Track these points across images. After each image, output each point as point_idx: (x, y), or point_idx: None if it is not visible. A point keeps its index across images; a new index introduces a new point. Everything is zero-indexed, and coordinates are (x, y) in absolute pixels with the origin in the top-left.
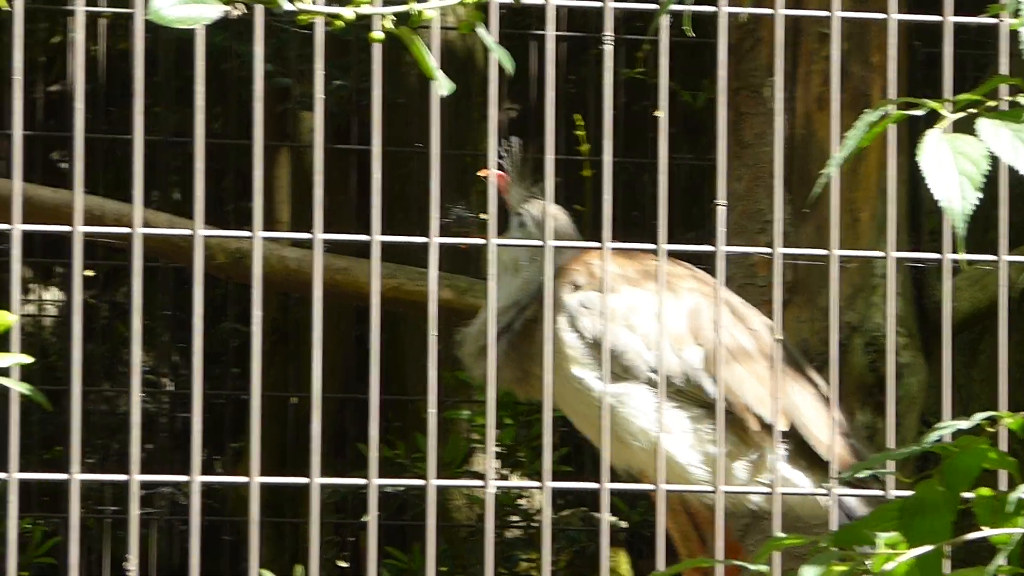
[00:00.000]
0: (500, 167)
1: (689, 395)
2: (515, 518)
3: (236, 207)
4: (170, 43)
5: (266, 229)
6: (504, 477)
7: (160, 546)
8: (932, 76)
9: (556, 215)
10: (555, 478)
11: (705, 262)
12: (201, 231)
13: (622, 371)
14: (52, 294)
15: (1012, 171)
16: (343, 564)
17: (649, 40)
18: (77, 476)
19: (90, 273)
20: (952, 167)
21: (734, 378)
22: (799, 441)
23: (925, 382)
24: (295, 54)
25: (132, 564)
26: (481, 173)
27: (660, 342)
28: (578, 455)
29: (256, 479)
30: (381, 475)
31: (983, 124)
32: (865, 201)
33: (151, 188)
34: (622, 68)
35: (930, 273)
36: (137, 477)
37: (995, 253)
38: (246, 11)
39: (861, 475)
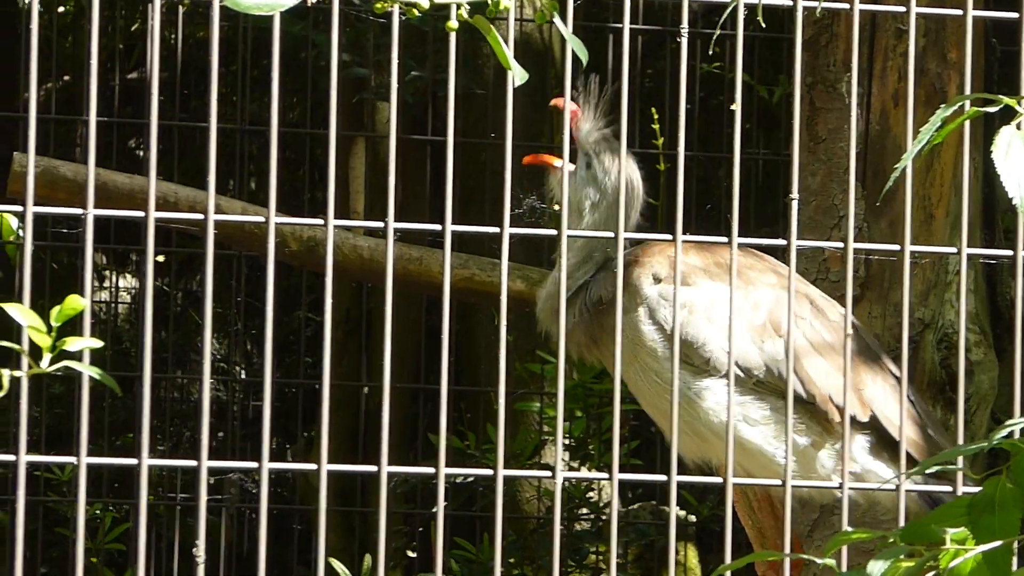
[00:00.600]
0: (574, 101)
1: (771, 387)
2: (584, 510)
3: (311, 196)
4: (247, 32)
5: (340, 218)
6: (574, 469)
7: (230, 533)
8: (1010, 74)
9: (631, 177)
10: (625, 471)
11: (777, 256)
12: (274, 218)
13: (703, 364)
14: (126, 281)
15: None
16: (411, 554)
17: (726, 34)
18: (146, 462)
19: (161, 259)
20: None
21: (816, 370)
22: (881, 433)
23: (996, 379)
24: (372, 44)
25: (200, 551)
26: (555, 102)
27: (731, 333)
28: (649, 448)
29: (325, 467)
30: (451, 465)
31: None
32: (940, 197)
33: (227, 176)
34: (699, 62)
35: (1003, 270)
36: (207, 464)
37: None
38: (322, 0)
39: (931, 471)
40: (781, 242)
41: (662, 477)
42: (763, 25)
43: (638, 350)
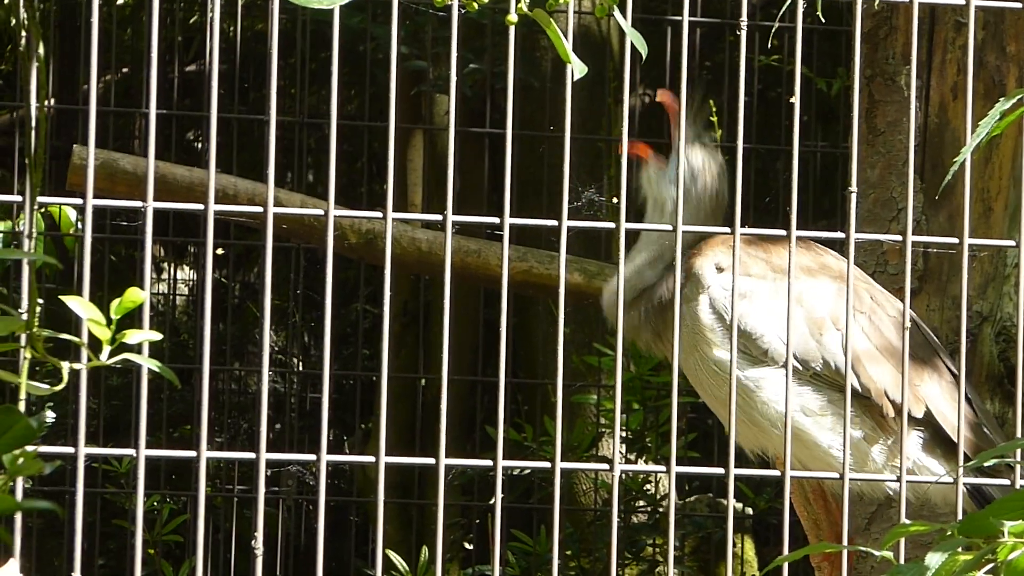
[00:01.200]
0: (676, 94)
1: (827, 379)
2: (641, 503)
3: (369, 189)
4: (307, 25)
5: (398, 211)
6: (631, 462)
7: (287, 526)
8: None
9: (719, 187)
10: (682, 463)
11: (836, 249)
12: (333, 211)
13: (760, 355)
14: (184, 273)
15: None
16: (469, 546)
17: (785, 27)
18: (205, 454)
19: (220, 252)
20: None
21: (872, 364)
22: (935, 429)
23: None
24: (430, 37)
25: (258, 543)
26: (660, 97)
27: (788, 324)
28: (706, 441)
29: (383, 459)
30: (508, 458)
31: None
32: (998, 190)
33: (285, 169)
34: (757, 55)
35: None
36: (264, 456)
37: None
38: None
39: (990, 463)
40: (839, 235)
41: (720, 470)
42: (823, 20)
43: (697, 339)
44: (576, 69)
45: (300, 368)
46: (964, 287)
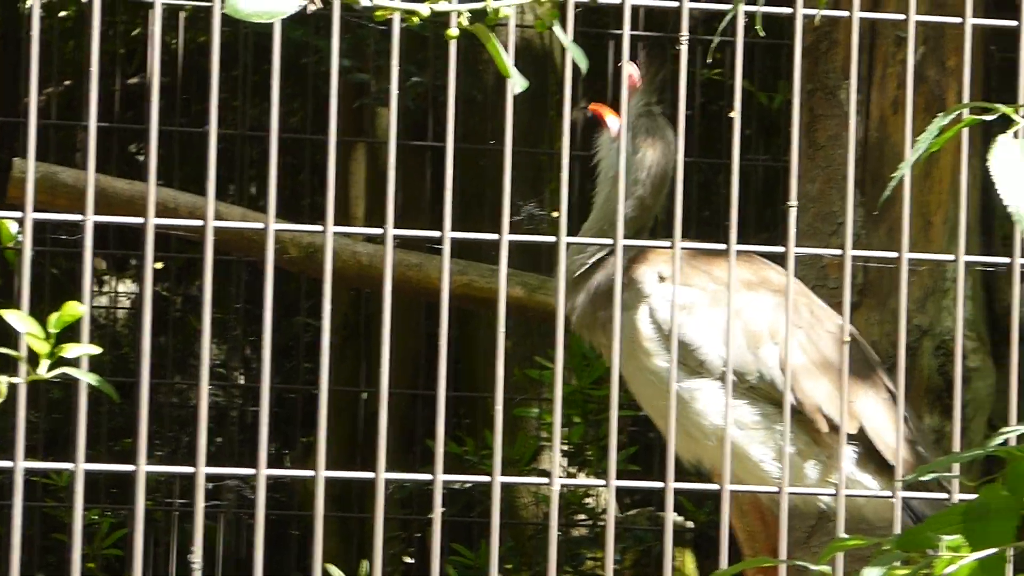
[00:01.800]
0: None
1: (762, 392)
2: (581, 516)
3: (311, 202)
4: (249, 37)
5: (340, 224)
6: (572, 475)
7: (227, 539)
8: (1010, 82)
9: (664, 164)
10: (623, 477)
11: (776, 263)
12: (273, 225)
13: (697, 366)
14: (126, 286)
15: None
16: (409, 560)
17: (726, 41)
18: (144, 468)
19: (159, 265)
20: (1020, 171)
21: (807, 379)
22: (868, 445)
23: (994, 386)
24: (372, 50)
25: (197, 557)
26: (624, 68)
27: (728, 339)
28: (647, 454)
29: (322, 473)
30: (450, 472)
31: None
32: (938, 205)
33: (227, 182)
34: (700, 68)
35: (1001, 278)
36: (204, 470)
37: None
38: (323, 6)
39: (925, 478)
40: (780, 249)
41: (659, 484)
42: (761, 33)
43: (635, 349)
44: (516, 83)
45: (241, 381)
46: (903, 301)
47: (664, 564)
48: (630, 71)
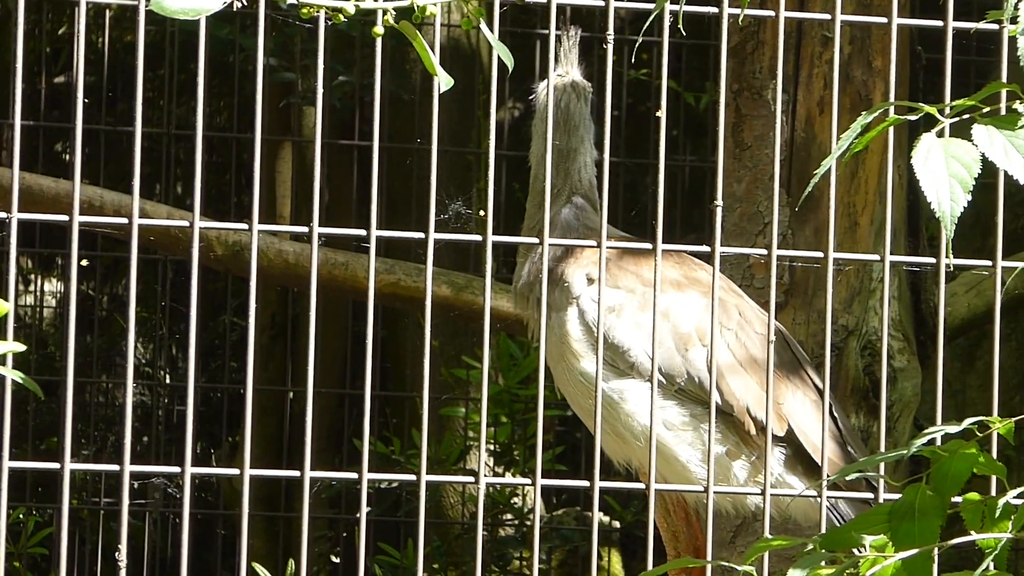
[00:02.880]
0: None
1: (691, 394)
2: (508, 516)
3: (238, 201)
4: (175, 36)
5: (267, 223)
6: (499, 475)
7: (154, 538)
8: (936, 82)
9: (573, 90)
10: (550, 477)
11: (702, 262)
12: (198, 223)
13: (627, 368)
14: (52, 285)
15: (1009, 177)
16: (336, 559)
17: (655, 41)
18: (69, 466)
19: (84, 263)
20: (943, 170)
21: (736, 381)
22: (797, 447)
23: (920, 386)
24: (299, 48)
25: (123, 555)
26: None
27: (653, 339)
28: (574, 454)
29: (247, 471)
30: (378, 471)
31: (978, 129)
32: (864, 205)
33: (153, 180)
34: (627, 69)
35: (927, 278)
36: (128, 468)
37: (992, 259)
38: (248, 5)
39: (851, 478)
40: (705, 249)
41: (584, 483)
42: (683, 33)
43: (564, 349)
44: (443, 82)
45: (167, 380)
46: (829, 301)
47: (590, 564)
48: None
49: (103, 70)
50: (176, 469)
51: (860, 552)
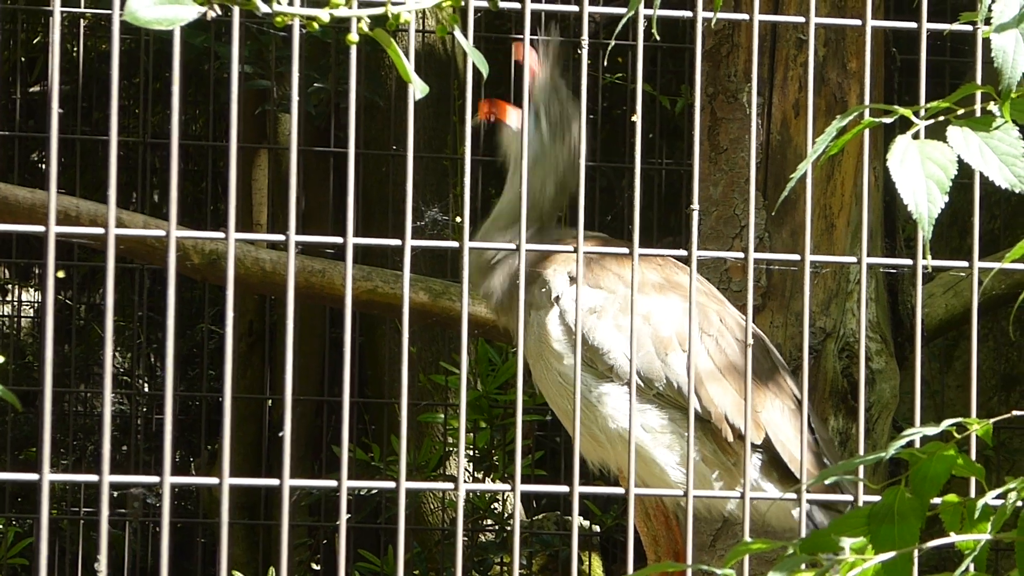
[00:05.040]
0: (536, 50)
1: (669, 399)
2: (489, 522)
3: (214, 209)
4: (150, 45)
5: (244, 231)
6: (479, 480)
7: (134, 547)
8: (911, 83)
9: (569, 126)
10: (530, 482)
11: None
12: (175, 232)
13: (606, 370)
14: (29, 295)
15: (985, 178)
16: (316, 567)
17: (630, 45)
18: (47, 477)
19: (61, 274)
20: (919, 171)
21: (714, 388)
22: (773, 454)
23: (898, 388)
24: (274, 56)
25: (102, 565)
26: (517, 51)
27: (632, 343)
28: (554, 459)
29: (227, 480)
30: (358, 478)
31: (952, 130)
32: (840, 207)
33: (129, 189)
34: (602, 73)
35: (905, 279)
36: (108, 478)
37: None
38: (223, 13)
39: (828, 482)
40: (682, 252)
41: (564, 488)
42: (657, 37)
43: (543, 348)
44: (417, 89)
45: (146, 389)
46: (806, 303)
47: (571, 568)
48: (527, 52)
49: (78, 79)
50: (155, 479)
51: (838, 556)
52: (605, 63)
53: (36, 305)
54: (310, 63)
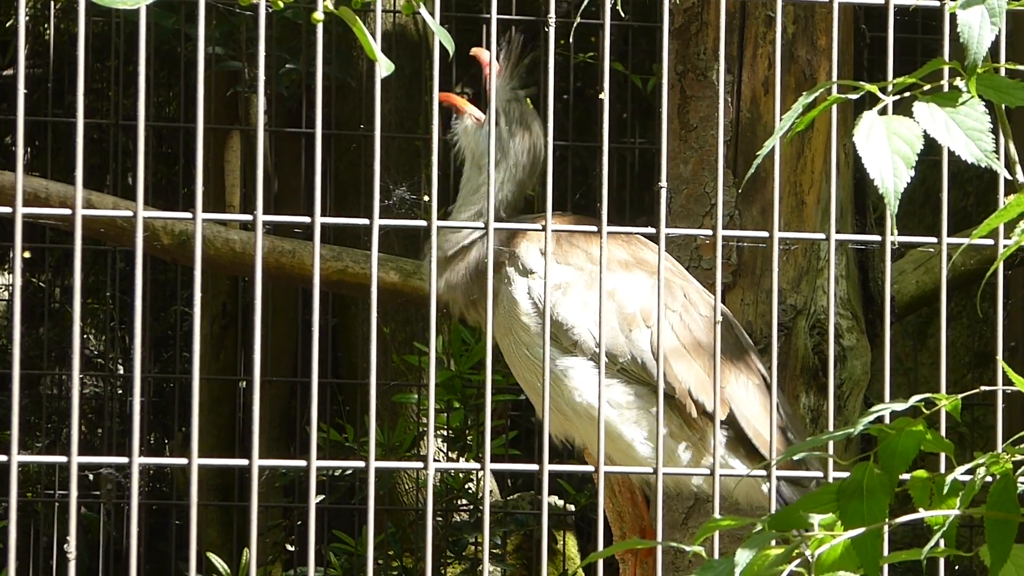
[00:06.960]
0: (497, 55)
1: (634, 375)
2: (463, 502)
3: (188, 191)
4: (121, 27)
5: (216, 212)
6: (452, 460)
7: (108, 529)
8: (881, 60)
9: (536, 145)
10: (503, 461)
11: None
12: (142, 212)
13: (571, 345)
14: (3, 278)
15: (953, 153)
16: (291, 547)
17: (601, 24)
18: (16, 458)
19: (27, 255)
20: (886, 147)
21: (679, 364)
22: (738, 430)
23: (869, 365)
24: (245, 37)
25: (72, 547)
26: (475, 52)
27: (599, 320)
28: (528, 438)
29: (195, 461)
30: (332, 458)
31: (919, 106)
32: (811, 184)
33: (102, 171)
34: (573, 52)
35: (875, 256)
36: (76, 459)
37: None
38: None
39: (797, 458)
40: (651, 230)
41: (534, 466)
42: (622, 14)
43: (512, 323)
44: (383, 66)
45: (120, 372)
46: (775, 281)
47: (540, 546)
48: (481, 56)
49: (49, 62)
50: (124, 460)
51: (808, 532)
52: (573, 42)
53: (8, 288)
54: (281, 44)
